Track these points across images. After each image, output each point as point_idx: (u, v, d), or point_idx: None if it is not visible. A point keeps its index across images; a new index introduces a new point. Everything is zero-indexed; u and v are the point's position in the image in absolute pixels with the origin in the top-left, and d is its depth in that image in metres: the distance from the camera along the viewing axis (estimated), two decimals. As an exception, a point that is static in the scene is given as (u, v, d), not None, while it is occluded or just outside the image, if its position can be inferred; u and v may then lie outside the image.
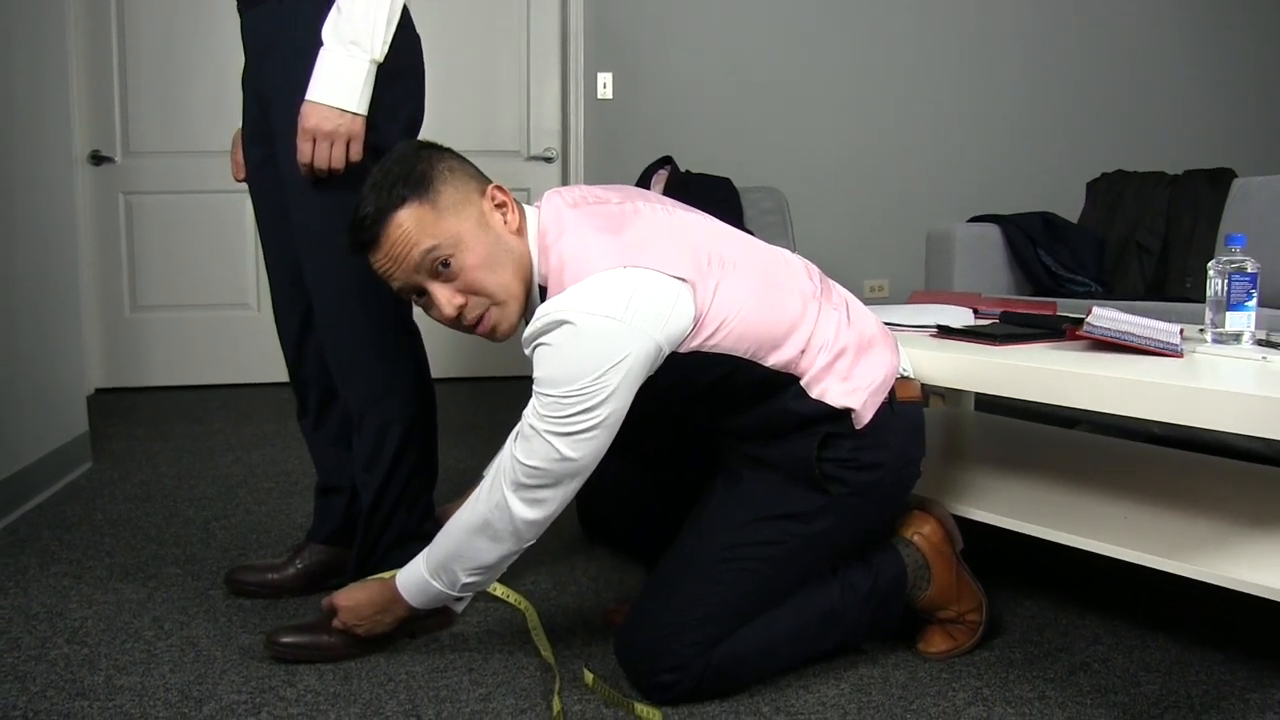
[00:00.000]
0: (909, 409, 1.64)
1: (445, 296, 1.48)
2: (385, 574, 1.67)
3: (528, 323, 1.51)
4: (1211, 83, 5.15)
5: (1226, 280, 1.75)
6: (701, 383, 1.51)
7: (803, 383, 1.53)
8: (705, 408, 1.58)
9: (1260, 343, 1.76)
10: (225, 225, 4.14)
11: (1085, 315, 1.84)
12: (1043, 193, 4.49)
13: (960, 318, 2.08)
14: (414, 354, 1.82)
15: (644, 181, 4.00)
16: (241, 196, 2.03)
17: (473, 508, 1.52)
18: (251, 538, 2.33)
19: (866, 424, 1.55)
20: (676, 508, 1.68)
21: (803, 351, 1.53)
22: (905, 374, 1.68)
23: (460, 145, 1.60)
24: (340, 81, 1.59)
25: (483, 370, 4.37)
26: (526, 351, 1.45)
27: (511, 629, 1.81)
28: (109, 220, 4.10)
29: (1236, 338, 1.75)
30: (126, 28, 4.01)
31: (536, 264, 1.51)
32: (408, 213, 1.45)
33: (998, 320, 2.07)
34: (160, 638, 1.76)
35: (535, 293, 1.52)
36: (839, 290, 1.68)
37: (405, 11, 1.68)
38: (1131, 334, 1.70)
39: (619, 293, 1.40)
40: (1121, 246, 3.82)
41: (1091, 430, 2.62)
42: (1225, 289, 1.75)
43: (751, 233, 1.84)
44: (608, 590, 2.01)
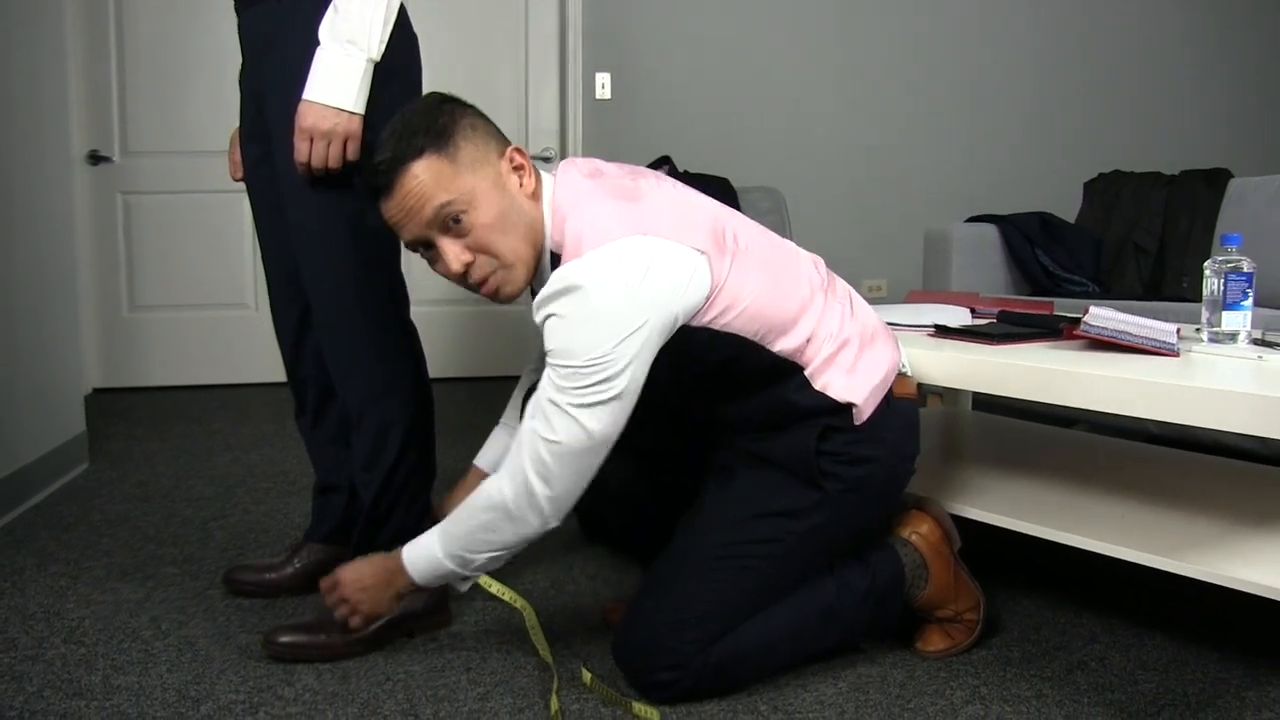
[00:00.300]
0: (905, 406, 1.64)
1: (453, 252, 1.46)
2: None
3: (534, 291, 1.51)
4: (1208, 83, 5.15)
5: (1223, 280, 1.75)
6: (709, 362, 1.50)
7: (806, 373, 1.54)
8: (707, 393, 1.58)
9: (1256, 342, 1.76)
10: (223, 225, 4.13)
11: (1082, 315, 1.84)
12: (1040, 193, 4.49)
13: (958, 317, 2.09)
14: (412, 353, 1.82)
15: (642, 181, 4.00)
16: (239, 196, 2.03)
17: (493, 486, 1.48)
18: (249, 537, 2.33)
19: (865, 420, 1.56)
20: (673, 507, 1.68)
21: (808, 340, 1.53)
22: (903, 371, 1.68)
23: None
24: (337, 81, 1.59)
25: (481, 370, 4.36)
26: (537, 319, 1.42)
27: (509, 628, 1.81)
28: (107, 220, 4.10)
29: (1233, 337, 1.75)
30: (124, 27, 4.01)
31: (549, 230, 1.50)
32: (424, 164, 1.43)
33: (995, 320, 2.08)
34: (158, 637, 1.76)
35: (546, 259, 1.51)
36: (842, 284, 1.69)
37: (402, 11, 1.68)
38: (1128, 333, 1.71)
39: (637, 260, 1.39)
40: (1118, 246, 3.82)
41: (1089, 429, 2.62)
42: (1221, 288, 1.75)
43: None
44: (605, 589, 2.01)
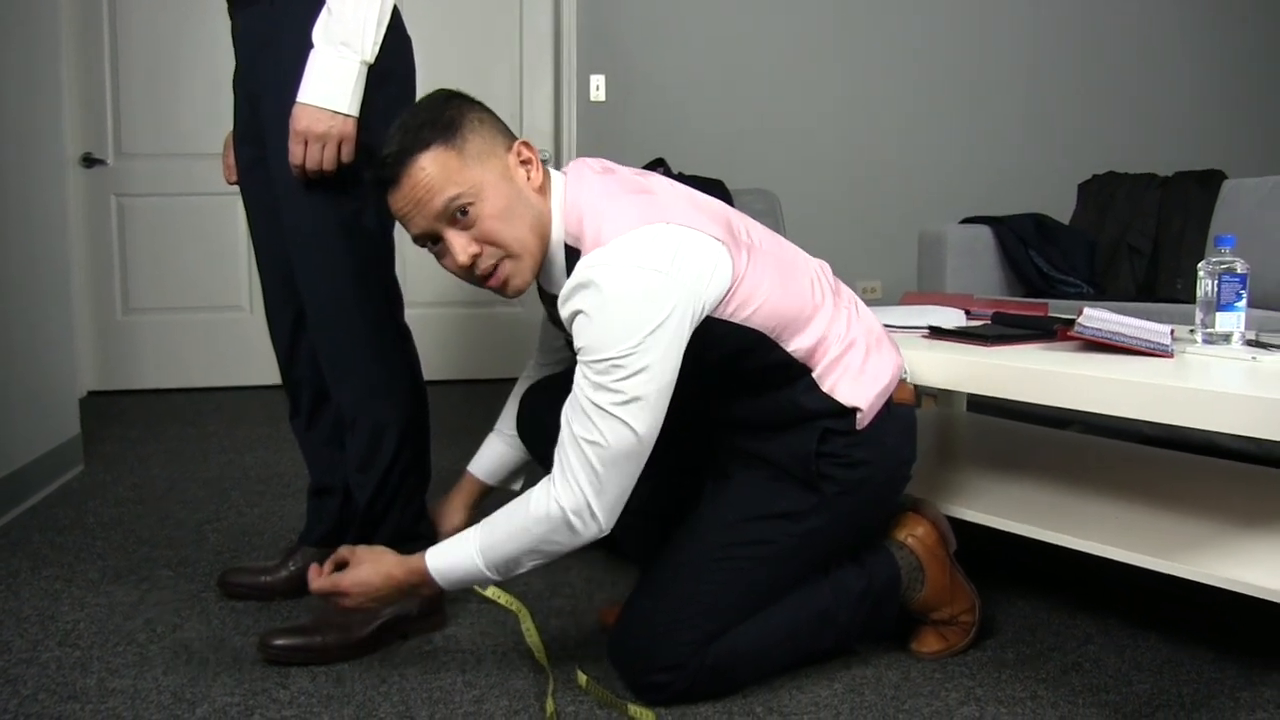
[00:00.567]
0: (904, 411, 1.64)
1: (461, 244, 1.45)
2: (386, 553, 1.56)
3: (541, 285, 1.52)
4: (1202, 85, 5.16)
5: (1216, 281, 1.76)
6: (723, 354, 1.49)
7: (814, 374, 1.54)
8: (715, 389, 1.57)
9: (1250, 343, 1.76)
10: (217, 227, 4.12)
11: (1076, 316, 1.85)
12: (1034, 194, 4.50)
13: (952, 319, 2.09)
14: (407, 355, 1.82)
15: (637, 183, 4.00)
16: (233, 199, 2.03)
17: (543, 498, 1.43)
18: (244, 540, 2.32)
19: (866, 424, 1.56)
20: (670, 509, 1.68)
21: (820, 341, 1.54)
22: (902, 377, 1.68)
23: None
24: (331, 83, 1.58)
25: (476, 372, 4.36)
26: (564, 315, 1.41)
27: (505, 630, 1.81)
28: (101, 222, 4.09)
29: (1226, 338, 1.76)
30: (118, 30, 4.00)
31: (560, 225, 1.49)
32: (431, 156, 1.42)
33: (989, 321, 2.08)
34: (153, 640, 1.76)
35: (559, 255, 1.50)
36: (847, 290, 1.69)
37: (396, 13, 1.68)
38: (1122, 334, 1.71)
39: (663, 246, 1.38)
40: (1112, 248, 3.83)
41: (1083, 431, 2.63)
42: (1215, 290, 1.76)
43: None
44: (601, 592, 2.01)
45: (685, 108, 4.57)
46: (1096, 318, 1.78)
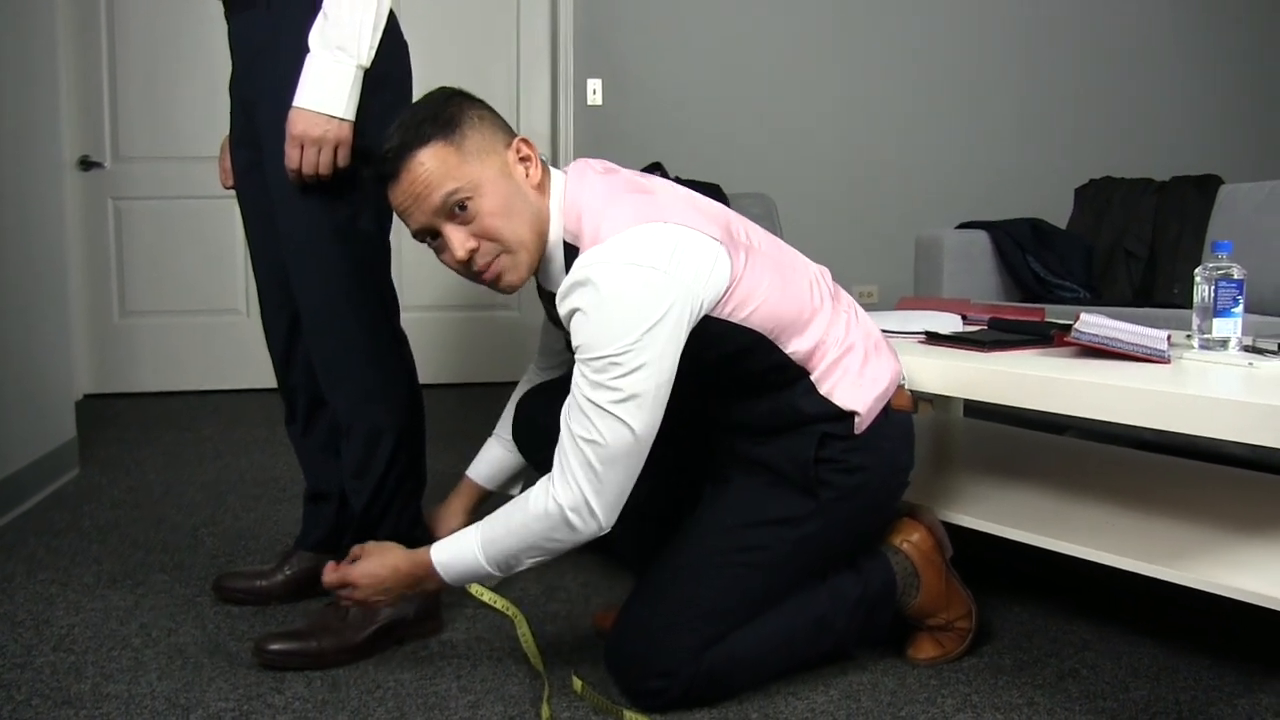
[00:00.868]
0: (901, 418, 1.64)
1: (459, 239, 1.46)
2: (394, 548, 1.58)
3: (540, 283, 1.53)
4: (1199, 89, 5.17)
5: (1213, 286, 1.75)
6: (721, 354, 1.49)
7: (813, 378, 1.54)
8: (714, 389, 1.57)
9: (1247, 348, 1.76)
10: (214, 231, 4.12)
11: (1073, 321, 1.84)
12: (1031, 199, 4.50)
13: (949, 324, 2.09)
14: (403, 360, 1.81)
15: (634, 187, 4.00)
16: (230, 202, 2.02)
17: (542, 497, 1.44)
18: (240, 544, 2.32)
19: (864, 429, 1.56)
20: (668, 512, 1.68)
21: (818, 344, 1.54)
22: (899, 383, 1.68)
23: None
24: (327, 87, 1.58)
25: (472, 376, 4.36)
26: (562, 313, 1.42)
27: (500, 636, 1.80)
28: (98, 225, 4.09)
29: (1223, 344, 1.75)
30: (116, 33, 4.00)
31: (560, 223, 1.49)
32: (431, 151, 1.43)
33: (986, 326, 2.08)
34: (147, 645, 1.76)
35: (557, 252, 1.50)
36: (846, 295, 1.69)
37: (392, 17, 1.68)
38: (1119, 340, 1.71)
39: (661, 244, 1.39)
40: (1109, 253, 3.83)
41: (1080, 436, 2.63)
42: (1212, 295, 1.76)
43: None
44: (597, 597, 2.00)
45: (682, 112, 4.57)
46: (1093, 323, 1.78)
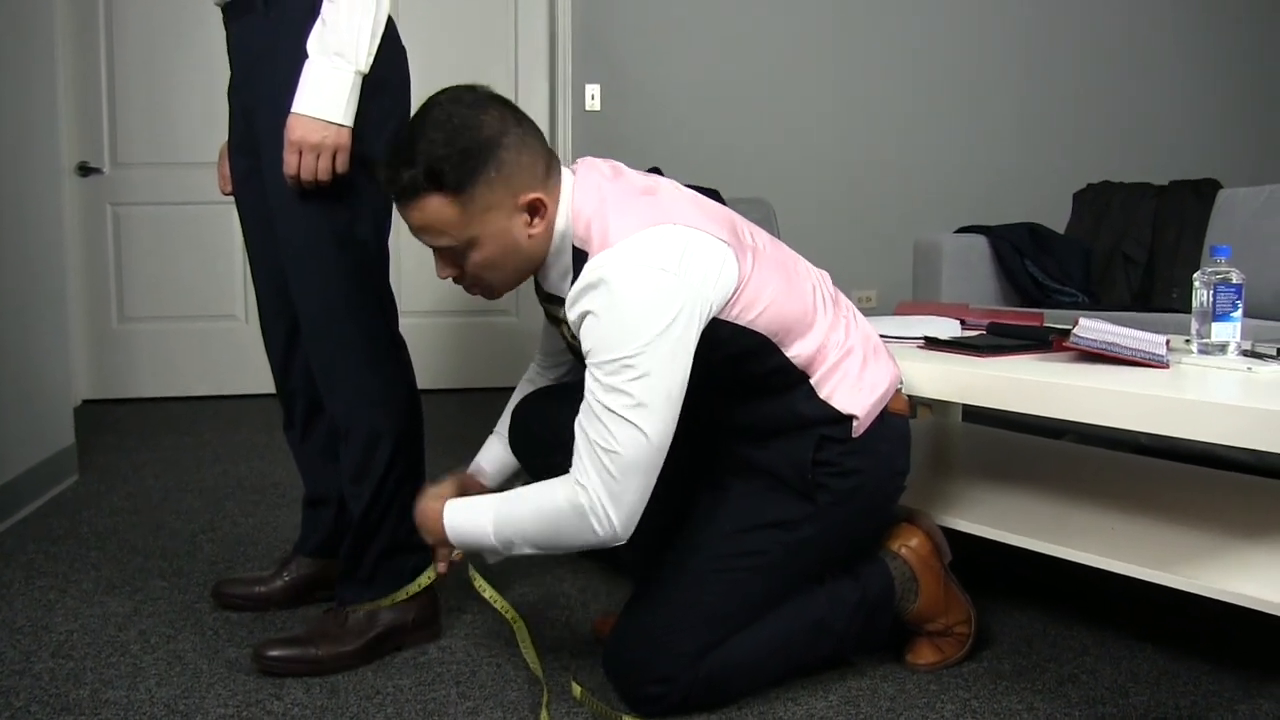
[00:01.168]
0: (898, 422, 1.64)
1: (443, 266, 1.50)
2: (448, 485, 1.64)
3: (540, 283, 1.54)
4: (1197, 94, 5.18)
5: (1212, 291, 1.76)
6: (725, 356, 1.49)
7: (812, 381, 1.54)
8: (717, 391, 1.56)
9: (1246, 353, 1.77)
10: (213, 236, 4.12)
11: (1072, 326, 1.85)
12: (1029, 203, 4.50)
13: (947, 329, 2.09)
14: (401, 364, 1.81)
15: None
16: (229, 208, 2.02)
17: (563, 494, 1.42)
18: (239, 550, 2.32)
19: (861, 432, 1.56)
20: (665, 519, 1.68)
21: (820, 347, 1.54)
22: (898, 387, 1.68)
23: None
24: (325, 93, 1.58)
25: (471, 381, 4.35)
26: (572, 317, 1.41)
27: (499, 642, 1.80)
28: (96, 231, 4.08)
29: (1222, 348, 1.76)
30: (114, 39, 4.00)
31: (568, 225, 1.47)
32: (436, 203, 1.41)
33: (985, 331, 2.08)
34: (146, 651, 1.75)
35: (565, 255, 1.49)
36: (845, 300, 1.70)
37: (390, 23, 1.68)
38: (1118, 345, 1.71)
39: (671, 246, 1.39)
40: (1108, 257, 3.83)
41: (1078, 441, 2.63)
42: (1211, 300, 1.76)
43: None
44: (595, 603, 2.00)
45: (680, 117, 4.57)
46: (1092, 328, 1.78)
